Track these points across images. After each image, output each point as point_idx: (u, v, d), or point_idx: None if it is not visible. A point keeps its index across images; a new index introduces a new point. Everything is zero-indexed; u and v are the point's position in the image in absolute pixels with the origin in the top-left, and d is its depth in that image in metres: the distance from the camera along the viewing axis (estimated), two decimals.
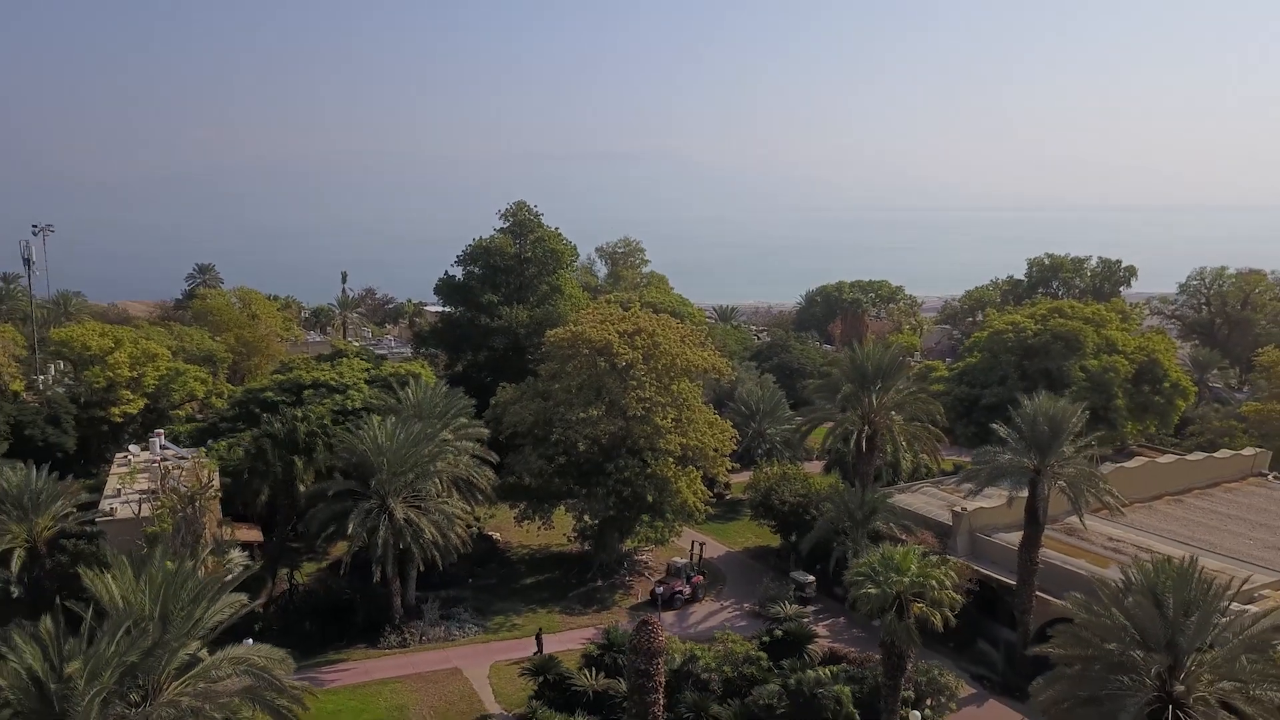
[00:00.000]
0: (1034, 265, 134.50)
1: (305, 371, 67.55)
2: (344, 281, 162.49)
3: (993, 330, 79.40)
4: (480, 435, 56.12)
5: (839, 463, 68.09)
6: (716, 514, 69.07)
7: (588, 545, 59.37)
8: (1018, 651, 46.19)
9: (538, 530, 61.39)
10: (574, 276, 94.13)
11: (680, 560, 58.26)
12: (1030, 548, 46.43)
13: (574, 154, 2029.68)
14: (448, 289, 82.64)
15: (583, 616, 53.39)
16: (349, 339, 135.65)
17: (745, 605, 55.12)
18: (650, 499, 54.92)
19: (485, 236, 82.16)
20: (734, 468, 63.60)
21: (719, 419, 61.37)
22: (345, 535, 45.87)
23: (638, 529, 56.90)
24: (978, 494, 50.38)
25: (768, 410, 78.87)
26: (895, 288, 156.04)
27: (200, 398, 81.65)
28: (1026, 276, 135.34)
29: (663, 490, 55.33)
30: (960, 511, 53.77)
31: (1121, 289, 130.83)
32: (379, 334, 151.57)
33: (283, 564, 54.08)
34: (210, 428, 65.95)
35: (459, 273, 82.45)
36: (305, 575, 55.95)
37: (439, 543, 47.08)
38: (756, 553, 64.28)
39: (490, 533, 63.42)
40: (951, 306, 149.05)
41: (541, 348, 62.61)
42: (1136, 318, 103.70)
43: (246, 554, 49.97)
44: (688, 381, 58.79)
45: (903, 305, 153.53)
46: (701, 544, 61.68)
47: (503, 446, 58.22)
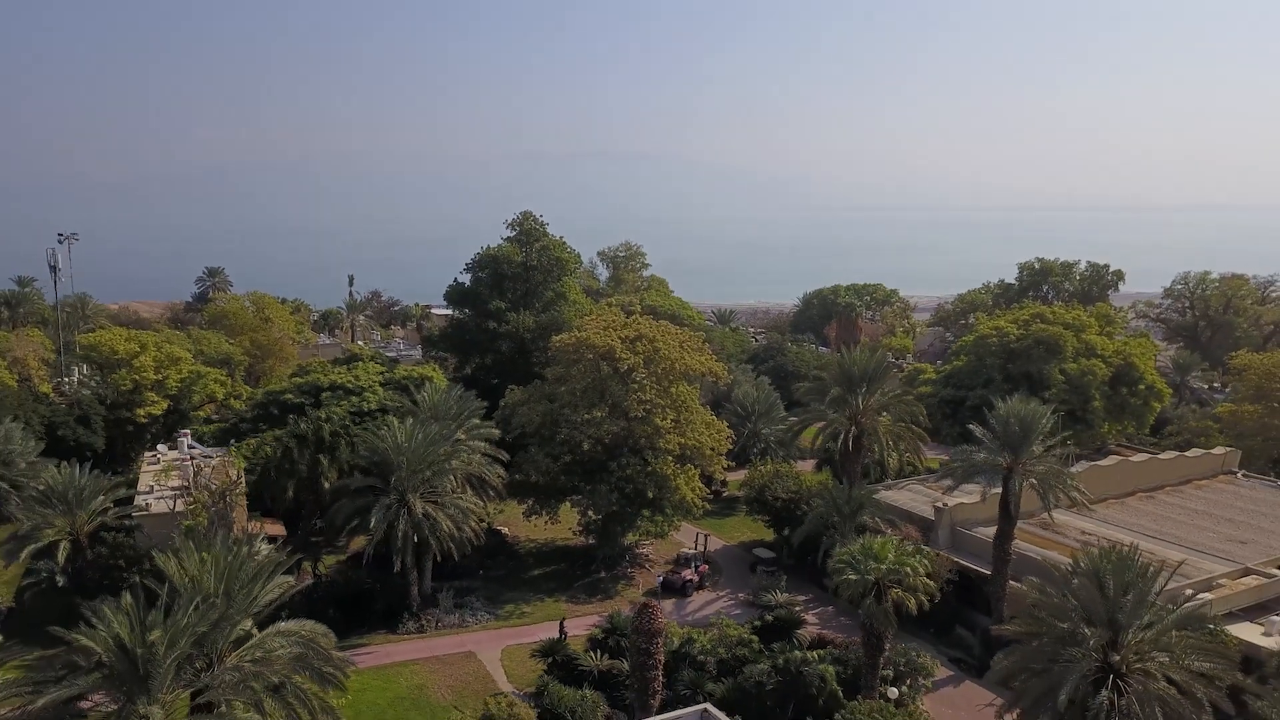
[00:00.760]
0: (1024, 269, 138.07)
1: (323, 375, 70.99)
2: (351, 285, 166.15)
3: (978, 335, 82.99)
4: (491, 435, 59.66)
5: (829, 461, 71.51)
6: (713, 510, 72.56)
7: (592, 539, 62.83)
8: (992, 636, 49.74)
9: (544, 525, 64.89)
10: (577, 282, 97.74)
11: (689, 550, 61.93)
12: (1004, 540, 49.96)
13: (578, 153, 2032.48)
14: (457, 295, 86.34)
15: (587, 605, 56.89)
16: (357, 341, 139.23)
17: (740, 595, 58.64)
18: (651, 495, 58.40)
19: (493, 245, 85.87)
20: (730, 466, 67.26)
21: (715, 420, 64.89)
22: (368, 528, 49.45)
23: (639, 523, 60.32)
24: (955, 489, 53.99)
25: (763, 411, 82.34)
26: (890, 291, 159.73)
27: (219, 399, 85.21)
28: (1017, 280, 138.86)
29: (662, 487, 58.80)
30: (942, 507, 57.33)
31: (1109, 293, 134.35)
32: (386, 336, 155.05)
33: (306, 556, 57.56)
34: (231, 428, 69.40)
35: (468, 279, 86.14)
36: (326, 567, 59.42)
37: (455, 535, 50.66)
38: (751, 546, 67.81)
39: (499, 527, 66.92)
40: (944, 309, 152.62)
41: (547, 352, 66.17)
42: (1121, 321, 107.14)
43: (273, 546, 53.55)
44: (686, 384, 62.34)
45: (896, 308, 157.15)
46: (705, 535, 65.15)
47: (511, 446, 61.73)
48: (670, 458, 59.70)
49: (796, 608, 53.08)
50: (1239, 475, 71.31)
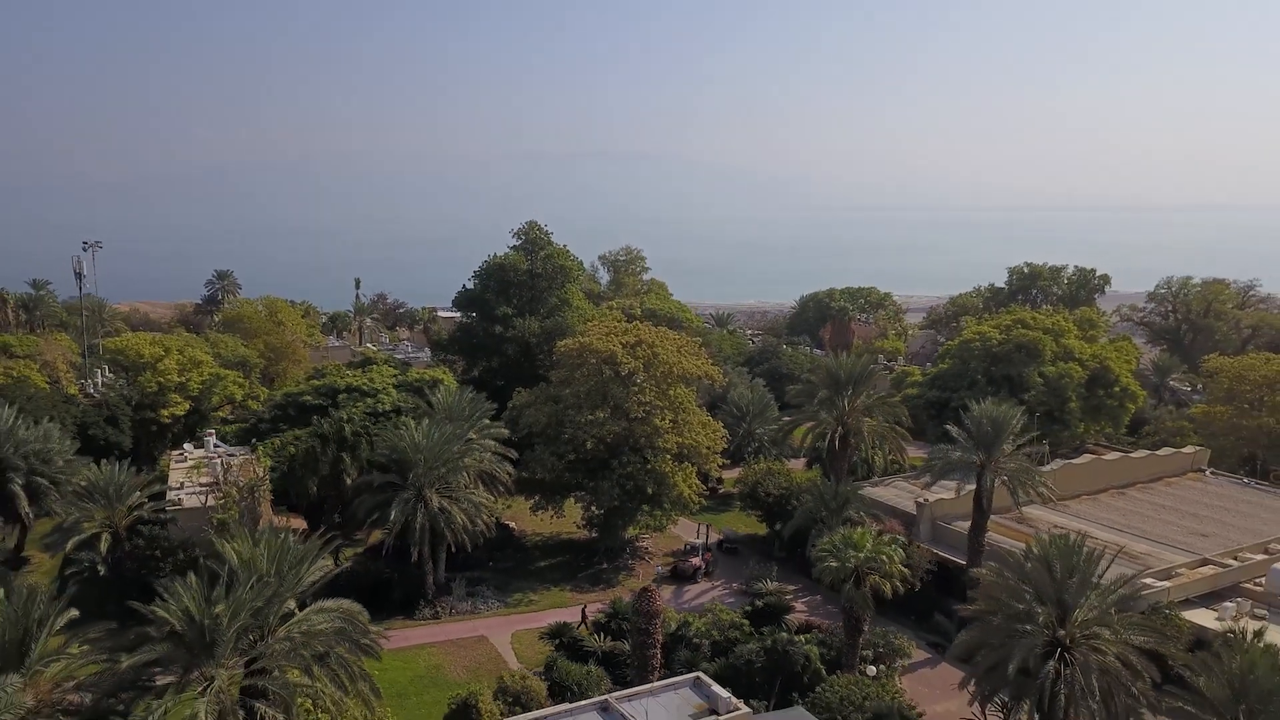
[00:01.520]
0: (1014, 273, 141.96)
1: (339, 377, 74.57)
2: (358, 287, 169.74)
3: (963, 339, 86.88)
4: (500, 435, 63.50)
5: (819, 459, 75.26)
6: (709, 505, 76.21)
7: (595, 532, 66.68)
8: (967, 622, 53.61)
9: (550, 519, 68.81)
10: (579, 288, 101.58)
11: (696, 541, 65.80)
12: (978, 533, 53.87)
13: (577, 153, 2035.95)
14: (465, 300, 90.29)
15: (591, 594, 60.67)
16: (365, 343, 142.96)
17: (734, 585, 62.53)
18: (650, 491, 62.27)
19: (499, 253, 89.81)
20: (726, 464, 71.13)
21: (711, 420, 68.75)
22: (387, 521, 53.30)
23: (639, 518, 64.18)
24: (932, 485, 57.89)
25: (757, 412, 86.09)
26: (883, 294, 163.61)
27: (238, 400, 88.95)
28: (1007, 284, 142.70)
29: (661, 484, 62.64)
30: (923, 502, 61.26)
31: (1097, 295, 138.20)
32: (394, 339, 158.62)
33: (327, 548, 61.31)
34: (251, 428, 72.94)
35: (475, 285, 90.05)
36: (346, 558, 63.20)
37: (468, 528, 54.54)
38: (744, 539, 71.65)
39: (507, 522, 70.73)
40: (936, 312, 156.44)
41: (551, 355, 70.09)
42: (1104, 325, 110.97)
43: (298, 539, 57.42)
44: (683, 387, 66.28)
45: (889, 311, 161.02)
46: (708, 526, 68.80)
47: (519, 444, 65.48)
48: (669, 456, 63.45)
49: (786, 596, 56.97)
50: (1207, 473, 75.21)
